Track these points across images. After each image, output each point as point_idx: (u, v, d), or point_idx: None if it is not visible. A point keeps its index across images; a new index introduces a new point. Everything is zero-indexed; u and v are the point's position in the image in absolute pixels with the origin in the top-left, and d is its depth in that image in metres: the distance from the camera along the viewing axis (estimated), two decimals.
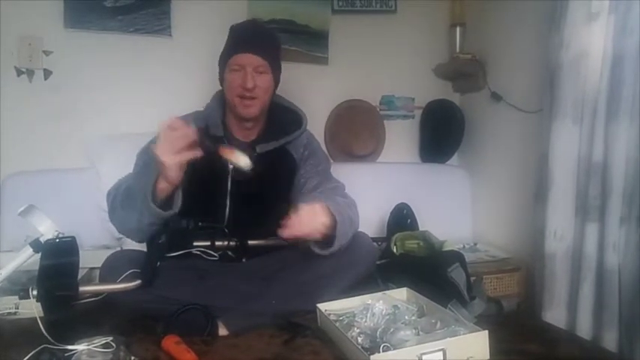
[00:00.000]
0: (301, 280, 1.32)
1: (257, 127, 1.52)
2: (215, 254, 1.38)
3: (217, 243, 1.39)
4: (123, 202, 1.29)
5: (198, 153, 1.19)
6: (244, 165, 1.25)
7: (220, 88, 1.51)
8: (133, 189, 1.27)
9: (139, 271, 1.21)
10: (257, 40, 1.44)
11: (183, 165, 1.19)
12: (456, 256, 1.36)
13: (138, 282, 1.18)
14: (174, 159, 1.16)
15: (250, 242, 1.42)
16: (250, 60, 1.40)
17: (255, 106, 1.43)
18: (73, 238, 1.14)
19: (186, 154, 1.17)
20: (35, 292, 1.06)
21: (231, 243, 1.40)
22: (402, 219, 1.79)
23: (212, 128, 1.47)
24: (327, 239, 1.28)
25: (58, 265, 1.08)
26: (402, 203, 1.82)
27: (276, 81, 1.50)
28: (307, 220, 1.23)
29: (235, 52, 1.42)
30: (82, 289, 1.13)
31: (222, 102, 1.52)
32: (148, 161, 1.34)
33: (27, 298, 1.07)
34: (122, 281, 1.20)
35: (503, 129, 2.02)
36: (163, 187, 1.22)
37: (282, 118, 1.54)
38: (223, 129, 1.48)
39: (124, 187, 1.32)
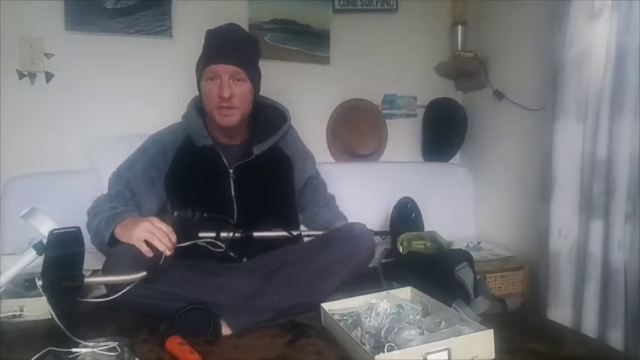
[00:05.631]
0: (301, 273, 1.31)
1: (243, 131, 1.52)
2: (221, 245, 1.37)
3: (222, 234, 1.39)
4: (95, 234, 1.33)
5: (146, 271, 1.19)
6: None
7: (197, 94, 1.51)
8: (101, 226, 1.32)
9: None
10: (233, 49, 1.39)
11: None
12: (464, 256, 1.34)
13: (143, 273, 1.17)
14: (140, 242, 1.21)
15: (255, 234, 1.43)
16: (226, 69, 1.37)
17: (234, 115, 1.41)
18: (78, 228, 1.12)
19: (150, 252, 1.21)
20: (40, 283, 1.06)
21: (236, 234, 1.40)
22: (406, 213, 1.76)
23: (197, 139, 1.46)
24: None
25: (63, 255, 1.07)
26: (406, 197, 1.79)
27: (256, 88, 1.47)
28: None
29: (211, 63, 1.37)
30: (87, 280, 1.12)
31: (200, 109, 1.49)
32: (119, 184, 1.44)
33: (34, 289, 1.07)
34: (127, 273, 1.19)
35: (506, 127, 2.01)
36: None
37: (268, 117, 1.54)
38: (210, 137, 1.48)
39: (96, 220, 1.35)
